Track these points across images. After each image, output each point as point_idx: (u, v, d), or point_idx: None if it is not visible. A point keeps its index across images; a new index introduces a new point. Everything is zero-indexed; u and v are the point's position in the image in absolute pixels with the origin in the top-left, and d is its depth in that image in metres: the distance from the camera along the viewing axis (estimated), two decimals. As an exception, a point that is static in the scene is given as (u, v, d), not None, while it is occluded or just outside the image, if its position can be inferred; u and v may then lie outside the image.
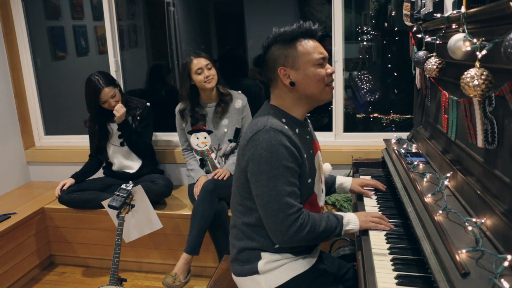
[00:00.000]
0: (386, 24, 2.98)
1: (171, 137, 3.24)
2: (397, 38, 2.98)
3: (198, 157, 2.77)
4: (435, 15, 1.61)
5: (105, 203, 2.40)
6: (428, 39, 1.69)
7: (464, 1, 1.30)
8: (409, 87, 2.59)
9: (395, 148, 2.13)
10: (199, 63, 2.55)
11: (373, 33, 3.03)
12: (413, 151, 2.08)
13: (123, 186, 2.30)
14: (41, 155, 3.44)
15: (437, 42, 1.59)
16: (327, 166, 1.82)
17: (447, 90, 1.57)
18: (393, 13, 2.89)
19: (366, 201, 1.83)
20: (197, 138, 2.72)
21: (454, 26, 1.43)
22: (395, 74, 3.04)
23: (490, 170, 1.22)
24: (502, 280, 0.94)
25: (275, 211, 1.36)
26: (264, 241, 1.47)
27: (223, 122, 2.68)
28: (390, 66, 3.04)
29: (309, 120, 1.63)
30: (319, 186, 1.56)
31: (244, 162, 1.42)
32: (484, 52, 1.05)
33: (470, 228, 1.19)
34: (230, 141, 2.71)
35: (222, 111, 2.66)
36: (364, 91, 3.16)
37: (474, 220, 1.21)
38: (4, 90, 3.25)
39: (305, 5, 3.23)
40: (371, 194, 1.88)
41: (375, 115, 3.13)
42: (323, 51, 1.46)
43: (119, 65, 3.27)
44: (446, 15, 1.48)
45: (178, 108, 2.72)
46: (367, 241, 1.46)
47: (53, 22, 3.45)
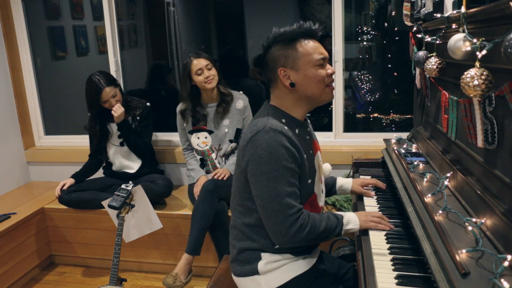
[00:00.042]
0: (386, 24, 2.98)
1: (171, 137, 3.24)
2: (397, 38, 2.98)
3: (198, 157, 2.77)
4: (435, 15, 1.60)
5: (105, 203, 2.40)
6: (428, 39, 1.69)
7: (464, 1, 1.30)
8: (409, 87, 2.59)
9: (395, 148, 2.13)
10: (199, 63, 2.55)
11: (373, 33, 3.03)
12: (413, 151, 2.08)
13: (123, 186, 2.30)
14: (41, 155, 3.44)
15: (437, 42, 1.59)
16: (327, 166, 1.82)
17: (447, 90, 1.57)
18: (393, 13, 2.89)
19: (366, 201, 1.83)
20: (198, 138, 2.72)
21: (454, 26, 1.43)
22: (395, 74, 3.04)
23: (490, 170, 1.22)
24: (502, 280, 0.94)
25: (275, 211, 1.36)
26: (264, 241, 1.47)
27: (224, 122, 2.68)
28: (390, 66, 3.04)
29: (309, 120, 1.63)
30: (319, 186, 1.56)
31: (244, 162, 1.41)
32: (484, 52, 1.05)
33: (470, 228, 1.19)
34: (231, 141, 2.71)
35: (223, 111, 2.66)
36: (364, 91, 3.16)
37: (474, 220, 1.21)
38: (4, 90, 3.26)
39: (305, 5, 3.23)
40: (372, 194, 1.88)
41: (375, 115, 3.13)
42: (323, 52, 1.45)
43: (119, 65, 3.27)
44: (446, 15, 1.48)
45: (179, 108, 2.72)
46: (367, 241, 1.46)
47: (53, 22, 3.45)
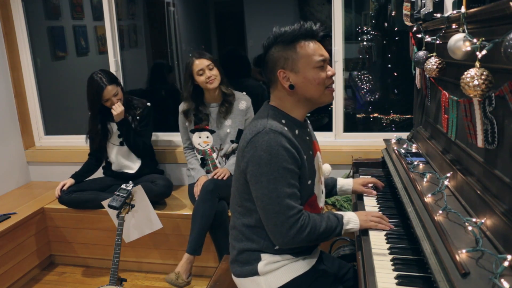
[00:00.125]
0: (386, 24, 2.98)
1: (172, 137, 3.24)
2: (397, 38, 2.98)
3: (199, 156, 2.77)
4: (435, 15, 1.60)
5: (105, 203, 2.40)
6: (428, 39, 1.69)
7: (464, 1, 1.30)
8: (409, 87, 2.59)
9: (395, 148, 2.13)
10: (200, 63, 2.55)
11: (373, 33, 3.03)
12: (413, 151, 2.08)
13: (123, 186, 2.30)
14: (41, 155, 3.44)
15: (437, 42, 1.59)
16: (326, 167, 1.81)
17: (447, 90, 1.57)
18: (393, 13, 2.89)
19: (366, 201, 1.83)
20: (199, 137, 2.72)
21: (454, 26, 1.42)
22: (395, 74, 3.04)
23: (490, 170, 1.22)
24: (502, 280, 0.94)
25: (275, 213, 1.36)
26: (264, 242, 1.47)
27: (226, 122, 2.68)
28: (390, 66, 3.04)
29: (308, 120, 1.62)
30: (319, 187, 1.56)
31: (243, 164, 1.41)
32: (484, 52, 1.05)
33: (470, 228, 1.19)
34: (232, 141, 2.70)
35: (225, 111, 2.66)
36: (364, 91, 3.16)
37: (474, 220, 1.21)
38: (4, 90, 3.25)
39: (305, 5, 3.23)
40: (374, 192, 1.88)
41: (375, 115, 3.13)
42: (323, 53, 1.43)
43: (119, 65, 3.27)
44: (446, 15, 1.48)
45: (182, 108, 2.71)
46: (367, 241, 1.46)
47: (53, 22, 3.45)
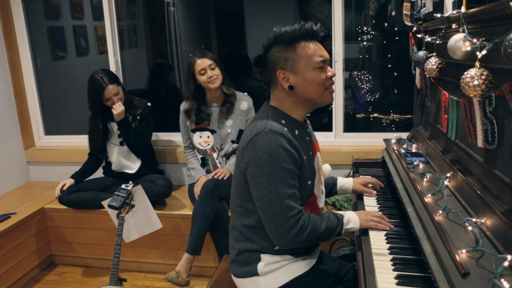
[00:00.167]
0: (386, 24, 2.98)
1: (172, 137, 3.24)
2: (397, 38, 2.98)
3: (199, 156, 2.76)
4: (435, 15, 1.60)
5: (105, 203, 2.40)
6: (428, 39, 1.69)
7: (464, 1, 1.30)
8: (409, 87, 2.59)
9: (395, 148, 2.13)
10: (202, 63, 2.55)
11: (373, 33, 3.03)
12: (413, 151, 2.08)
13: (123, 186, 2.30)
14: (41, 155, 3.44)
15: (437, 42, 1.59)
16: (326, 167, 1.81)
17: (447, 90, 1.57)
18: (393, 13, 2.89)
19: (366, 201, 1.83)
20: (200, 137, 2.72)
21: (454, 26, 1.42)
22: (395, 74, 3.04)
23: (490, 170, 1.22)
24: (502, 280, 0.94)
25: (275, 214, 1.36)
26: (263, 243, 1.47)
27: (228, 122, 2.68)
28: (390, 66, 3.04)
29: (308, 120, 1.62)
30: (319, 187, 1.55)
31: (243, 164, 1.41)
32: (484, 52, 1.05)
33: (470, 228, 1.19)
34: (233, 142, 2.70)
35: (227, 111, 2.66)
36: (364, 91, 3.16)
37: (474, 220, 1.21)
38: (4, 90, 3.25)
39: (305, 5, 3.23)
40: (374, 192, 1.88)
41: (375, 115, 3.13)
42: (324, 54, 1.42)
43: (119, 65, 3.27)
44: (446, 15, 1.48)
45: (183, 107, 2.70)
46: (367, 241, 1.46)
47: (53, 22, 3.45)
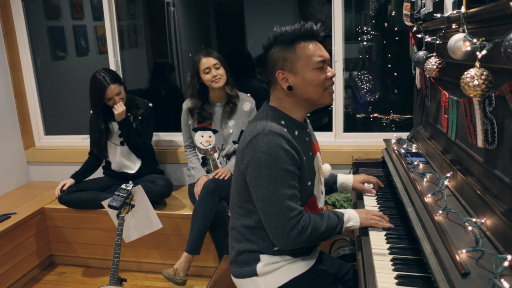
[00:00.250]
0: (386, 24, 2.98)
1: (173, 137, 3.24)
2: (397, 38, 2.98)
3: (200, 155, 2.76)
4: (435, 15, 1.60)
5: (105, 203, 2.40)
6: (428, 39, 1.69)
7: (464, 1, 1.30)
8: (409, 87, 2.59)
9: (395, 148, 2.13)
10: (207, 62, 2.55)
11: (373, 33, 3.03)
12: (413, 151, 2.08)
13: (123, 186, 2.30)
14: (41, 155, 3.44)
15: (437, 42, 1.59)
16: (326, 167, 1.81)
17: (447, 90, 1.57)
18: (393, 13, 2.89)
19: (366, 201, 1.83)
20: (202, 136, 2.72)
21: (454, 26, 1.42)
22: (395, 74, 3.04)
23: (490, 170, 1.22)
24: (502, 280, 0.94)
25: (276, 215, 1.35)
26: (263, 243, 1.47)
27: (230, 123, 2.68)
28: (390, 66, 3.04)
29: (308, 120, 1.62)
30: (319, 188, 1.55)
31: (243, 165, 1.40)
32: (484, 52, 1.05)
33: (470, 228, 1.19)
34: (234, 142, 2.70)
35: (230, 111, 2.65)
36: (364, 91, 3.16)
37: (474, 220, 1.21)
38: (4, 90, 3.25)
39: (305, 5, 3.23)
40: (373, 191, 1.88)
41: (375, 115, 3.13)
42: (323, 54, 1.41)
43: (119, 65, 3.27)
44: (446, 15, 1.48)
45: (187, 105, 2.70)
46: (367, 241, 1.46)
47: (53, 22, 3.45)
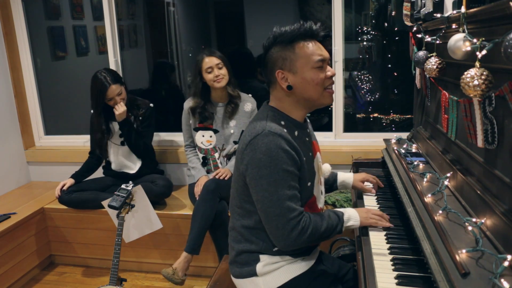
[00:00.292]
0: (386, 24, 2.98)
1: (173, 137, 3.24)
2: (397, 38, 2.98)
3: (201, 155, 2.76)
4: (435, 15, 1.60)
5: (105, 203, 2.40)
6: (428, 39, 1.69)
7: (464, 1, 1.30)
8: (409, 87, 2.59)
9: (395, 148, 2.13)
10: (210, 61, 2.55)
11: (373, 33, 3.02)
12: (413, 151, 2.08)
13: (123, 186, 2.30)
14: (41, 155, 3.44)
15: (437, 42, 1.59)
16: (326, 167, 1.81)
17: (447, 90, 1.57)
18: (393, 13, 2.89)
19: (366, 201, 1.83)
20: (203, 136, 2.72)
21: (454, 26, 1.42)
22: (395, 74, 3.04)
23: (490, 170, 1.22)
24: (502, 280, 0.94)
25: (276, 216, 1.35)
26: (262, 244, 1.46)
27: (231, 123, 2.68)
28: (390, 66, 3.04)
29: (308, 120, 1.62)
30: (319, 188, 1.55)
31: (243, 166, 1.40)
32: (484, 52, 1.05)
33: (470, 228, 1.19)
34: (235, 142, 2.70)
35: (231, 111, 2.65)
36: (364, 91, 3.16)
37: (474, 220, 1.21)
38: (4, 90, 3.25)
39: (305, 5, 3.23)
40: (373, 190, 1.88)
41: (375, 115, 3.13)
42: (323, 53, 1.41)
43: (119, 65, 3.27)
44: (446, 15, 1.48)
45: (189, 105, 2.69)
46: (367, 241, 1.46)
47: (53, 22, 3.45)
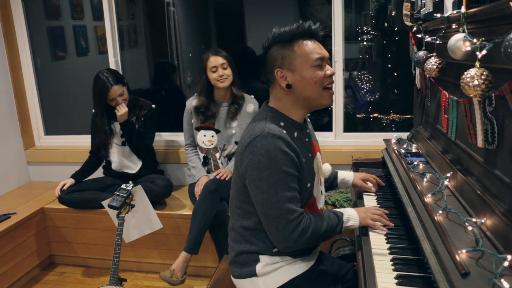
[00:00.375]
0: (386, 24, 2.98)
1: (174, 137, 3.24)
2: (397, 38, 2.98)
3: (201, 155, 2.76)
4: (435, 15, 1.60)
5: (105, 203, 2.40)
6: (428, 39, 1.69)
7: (464, 1, 1.30)
8: (409, 87, 2.59)
9: (395, 148, 2.13)
10: (215, 61, 2.55)
11: (373, 33, 3.02)
12: (413, 151, 2.08)
13: (123, 186, 2.30)
14: (41, 155, 3.44)
15: (437, 42, 1.59)
16: (326, 167, 1.81)
17: (447, 90, 1.57)
18: (393, 13, 2.89)
19: (366, 201, 1.83)
20: (204, 135, 2.71)
21: (454, 26, 1.42)
22: (395, 74, 3.04)
23: (490, 170, 1.22)
24: (502, 280, 0.94)
25: (276, 217, 1.35)
26: (262, 245, 1.46)
27: (233, 123, 2.67)
28: (390, 66, 3.04)
29: (309, 119, 1.61)
30: (318, 188, 1.55)
31: (242, 168, 1.40)
32: (484, 52, 1.05)
33: (470, 228, 1.19)
34: (236, 143, 2.69)
35: (234, 112, 2.65)
36: (364, 91, 3.16)
37: (474, 220, 1.21)
38: (4, 90, 3.25)
39: (305, 5, 3.23)
40: (373, 189, 1.88)
41: (375, 115, 3.13)
42: (322, 52, 1.41)
43: (119, 65, 3.27)
44: (446, 15, 1.48)
45: (193, 103, 2.68)
46: (367, 241, 1.46)
47: (53, 22, 3.45)
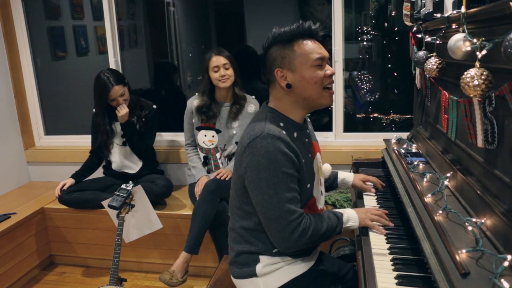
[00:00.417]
0: (386, 24, 2.98)
1: (174, 137, 3.24)
2: (397, 38, 2.98)
3: (202, 155, 2.76)
4: (435, 15, 1.60)
5: (105, 203, 2.40)
6: (428, 39, 1.69)
7: (464, 1, 1.30)
8: (409, 87, 2.59)
9: (395, 148, 2.13)
10: (217, 60, 2.55)
11: (373, 33, 3.03)
12: (413, 151, 2.08)
13: (123, 186, 2.30)
14: (41, 155, 3.44)
15: (437, 42, 1.59)
16: (326, 167, 1.81)
17: (447, 90, 1.57)
18: (393, 13, 2.89)
19: (366, 201, 1.83)
20: (205, 135, 2.71)
21: (454, 26, 1.42)
22: (395, 74, 3.04)
23: (490, 170, 1.22)
24: (502, 280, 0.94)
25: (276, 218, 1.35)
26: (262, 245, 1.46)
27: (234, 124, 2.67)
28: (390, 66, 3.04)
29: (309, 119, 1.61)
30: (318, 189, 1.55)
31: (242, 169, 1.40)
32: (484, 52, 1.05)
33: (470, 228, 1.19)
34: (237, 143, 2.70)
35: (236, 112, 2.65)
36: (364, 91, 3.16)
37: (474, 220, 1.21)
38: (4, 90, 3.25)
39: (305, 5, 3.23)
40: (373, 190, 1.89)
41: (375, 115, 3.13)
42: (322, 51, 1.41)
43: (119, 65, 3.27)
44: (446, 15, 1.48)
45: (195, 103, 2.68)
46: (367, 241, 1.46)
47: (53, 22, 3.45)
